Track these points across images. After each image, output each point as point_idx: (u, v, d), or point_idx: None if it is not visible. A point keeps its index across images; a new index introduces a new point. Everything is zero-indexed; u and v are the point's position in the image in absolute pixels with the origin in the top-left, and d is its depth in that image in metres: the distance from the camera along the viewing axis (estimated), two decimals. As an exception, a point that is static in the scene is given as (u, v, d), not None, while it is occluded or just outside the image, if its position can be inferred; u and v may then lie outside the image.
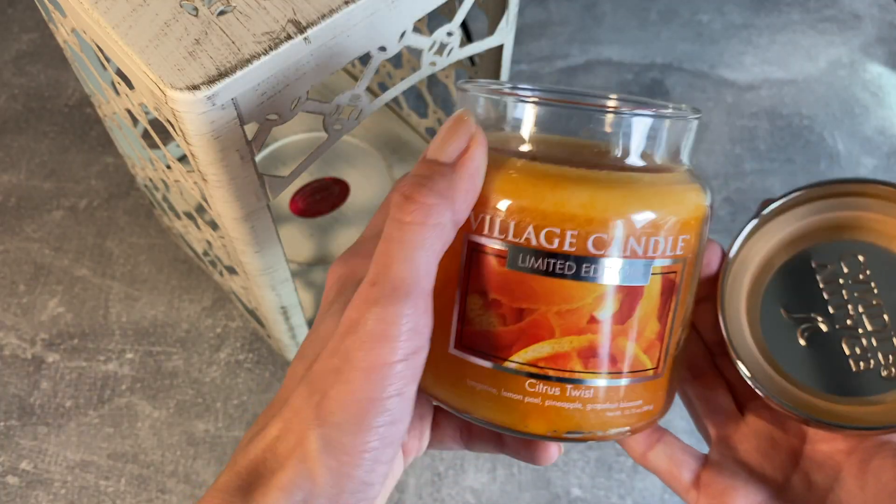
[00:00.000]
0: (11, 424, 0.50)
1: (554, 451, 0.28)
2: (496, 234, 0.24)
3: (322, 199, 0.56)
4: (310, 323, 0.47)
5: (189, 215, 0.46)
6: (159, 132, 0.34)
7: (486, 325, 0.25)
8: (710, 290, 0.31)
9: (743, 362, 0.29)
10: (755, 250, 0.31)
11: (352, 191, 0.56)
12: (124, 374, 0.52)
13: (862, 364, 0.29)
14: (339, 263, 0.27)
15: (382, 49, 0.31)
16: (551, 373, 0.25)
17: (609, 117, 0.25)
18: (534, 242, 0.24)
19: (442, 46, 0.34)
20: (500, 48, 0.41)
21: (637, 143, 0.25)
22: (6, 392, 0.51)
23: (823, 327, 0.30)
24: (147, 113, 0.48)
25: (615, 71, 0.66)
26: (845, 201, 0.30)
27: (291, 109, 0.29)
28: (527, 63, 0.66)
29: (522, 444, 0.29)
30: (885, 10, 0.70)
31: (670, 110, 0.25)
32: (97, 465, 0.49)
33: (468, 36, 0.49)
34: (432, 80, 0.62)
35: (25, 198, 0.59)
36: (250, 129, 0.28)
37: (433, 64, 0.35)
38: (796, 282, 0.30)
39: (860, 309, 0.29)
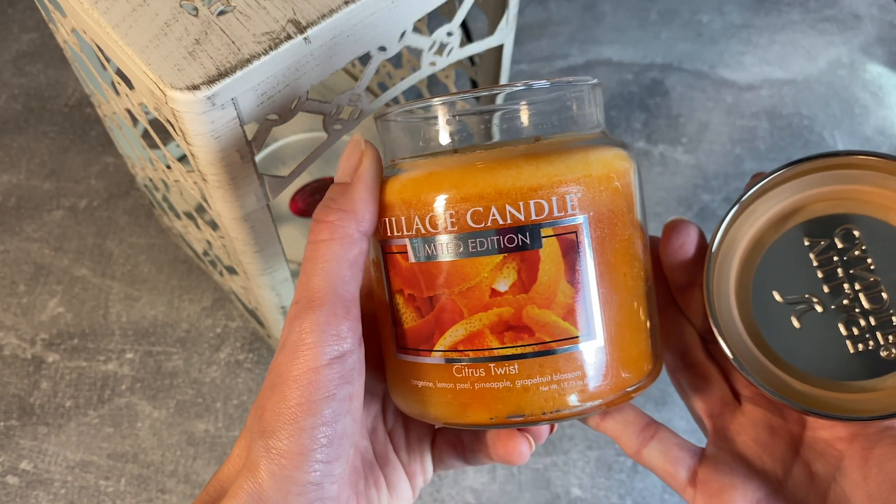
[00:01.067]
0: (11, 424, 0.50)
1: (523, 448, 0.27)
2: (396, 232, 0.26)
3: (322, 198, 0.56)
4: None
5: (189, 215, 0.46)
6: (159, 132, 0.34)
7: (410, 322, 0.26)
8: (696, 275, 0.30)
9: (732, 350, 0.28)
10: (743, 230, 0.29)
11: (352, 191, 0.56)
12: (124, 374, 0.52)
13: (860, 345, 0.27)
14: None
15: (382, 49, 0.31)
16: (471, 354, 0.25)
17: (484, 101, 0.26)
18: (423, 231, 0.25)
19: (442, 46, 0.34)
20: (500, 48, 0.41)
21: (522, 118, 0.26)
22: (6, 392, 0.51)
23: (818, 308, 0.28)
24: (147, 113, 0.48)
25: (615, 71, 0.66)
26: (837, 174, 0.28)
27: (291, 109, 0.29)
28: (527, 63, 0.66)
29: (496, 445, 0.28)
30: (885, 10, 0.70)
31: (544, 82, 0.26)
32: (97, 465, 0.49)
33: (468, 36, 0.49)
34: (432, 80, 0.62)
35: (25, 198, 0.59)
36: (250, 129, 0.28)
37: (433, 64, 0.35)
38: (788, 261, 0.28)
39: (857, 286, 0.28)
